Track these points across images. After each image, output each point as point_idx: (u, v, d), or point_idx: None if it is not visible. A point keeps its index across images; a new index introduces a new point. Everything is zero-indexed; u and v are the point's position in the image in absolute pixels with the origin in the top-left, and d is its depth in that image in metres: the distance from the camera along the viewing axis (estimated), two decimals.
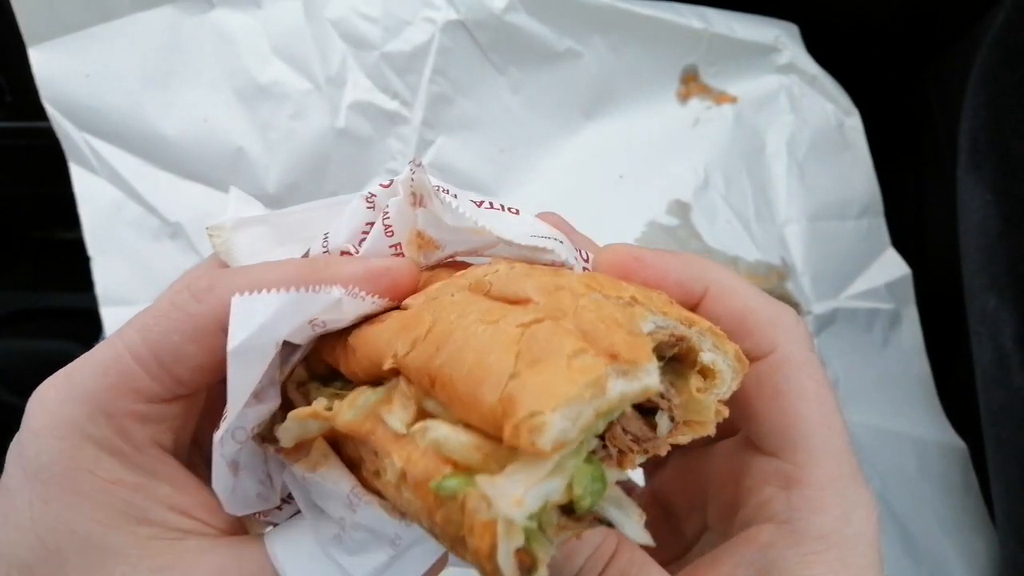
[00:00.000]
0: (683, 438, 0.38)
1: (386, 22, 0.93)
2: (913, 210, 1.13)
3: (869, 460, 0.96)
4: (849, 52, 1.10)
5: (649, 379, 0.32)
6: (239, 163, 0.91)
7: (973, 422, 0.89)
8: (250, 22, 0.91)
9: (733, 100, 1.05)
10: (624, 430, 0.36)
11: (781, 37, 1.05)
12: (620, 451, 0.35)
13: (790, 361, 0.42)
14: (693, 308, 0.43)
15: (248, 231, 0.42)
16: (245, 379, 0.37)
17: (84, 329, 0.95)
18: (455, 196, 0.40)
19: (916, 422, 1.00)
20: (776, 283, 0.99)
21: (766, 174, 1.04)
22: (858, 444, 0.97)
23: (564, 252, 0.42)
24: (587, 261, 0.44)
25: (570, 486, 0.32)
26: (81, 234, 0.89)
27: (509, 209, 0.42)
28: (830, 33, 1.08)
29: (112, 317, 0.88)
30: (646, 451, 0.36)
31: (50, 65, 0.86)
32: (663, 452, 0.37)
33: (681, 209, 1.01)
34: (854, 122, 1.06)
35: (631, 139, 1.03)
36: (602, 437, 0.35)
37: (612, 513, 0.35)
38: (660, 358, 0.37)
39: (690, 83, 1.05)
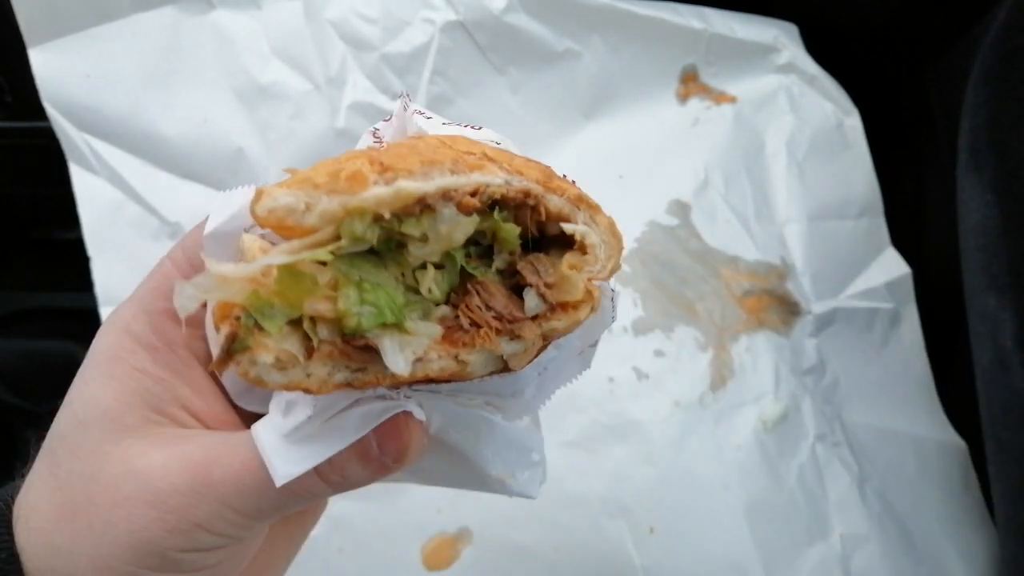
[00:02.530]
0: (559, 323, 0.36)
1: (386, 23, 0.93)
2: (913, 210, 1.13)
3: (869, 460, 0.96)
4: (849, 52, 1.10)
5: (410, 185, 0.32)
6: (239, 163, 0.91)
7: (973, 422, 0.89)
8: (250, 23, 0.91)
9: (733, 100, 1.05)
10: (487, 306, 0.35)
11: (781, 37, 1.05)
12: (476, 324, 0.35)
13: None
14: None
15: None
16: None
17: (84, 329, 0.95)
18: (429, 117, 0.44)
19: (916, 421, 1.00)
20: (776, 283, 0.99)
21: (766, 174, 1.04)
22: (858, 444, 0.98)
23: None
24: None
25: (336, 301, 0.32)
26: (81, 234, 0.89)
27: (471, 126, 0.44)
28: (830, 33, 1.08)
29: None
30: (512, 332, 0.35)
31: (50, 65, 0.86)
32: (529, 336, 0.35)
33: (681, 209, 1.01)
34: (854, 122, 1.06)
35: (631, 139, 1.03)
36: (456, 306, 0.35)
37: (385, 343, 0.33)
38: (520, 224, 0.37)
39: (690, 83, 1.05)
